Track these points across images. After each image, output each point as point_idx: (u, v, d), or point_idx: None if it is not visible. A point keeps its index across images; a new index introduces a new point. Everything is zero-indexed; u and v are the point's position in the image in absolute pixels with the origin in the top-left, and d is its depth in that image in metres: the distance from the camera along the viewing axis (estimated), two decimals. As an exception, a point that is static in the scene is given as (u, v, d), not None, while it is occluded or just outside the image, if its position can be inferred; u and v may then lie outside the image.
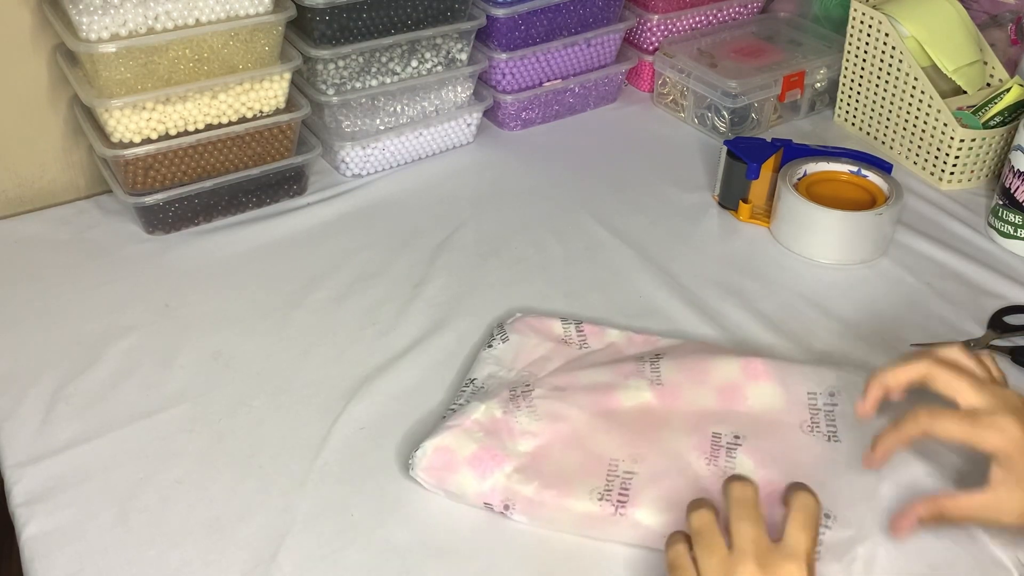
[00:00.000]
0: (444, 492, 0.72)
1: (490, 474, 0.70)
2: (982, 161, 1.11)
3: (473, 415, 0.74)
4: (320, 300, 0.94)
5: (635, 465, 0.71)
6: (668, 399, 0.76)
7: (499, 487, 0.70)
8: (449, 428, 0.73)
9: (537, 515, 0.70)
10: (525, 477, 0.70)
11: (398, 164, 1.16)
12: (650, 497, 0.69)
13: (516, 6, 1.13)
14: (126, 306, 0.92)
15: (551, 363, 0.82)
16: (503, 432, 0.73)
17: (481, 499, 0.71)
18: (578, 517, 0.69)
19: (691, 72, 1.22)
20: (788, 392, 0.77)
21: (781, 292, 0.95)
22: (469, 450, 0.71)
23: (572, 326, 0.86)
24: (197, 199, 1.03)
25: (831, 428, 0.75)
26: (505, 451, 0.71)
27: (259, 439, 0.78)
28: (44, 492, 0.73)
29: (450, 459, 0.71)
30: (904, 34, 1.13)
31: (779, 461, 0.72)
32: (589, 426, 0.74)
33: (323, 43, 1.04)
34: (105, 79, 0.93)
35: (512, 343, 0.83)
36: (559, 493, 0.69)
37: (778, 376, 0.78)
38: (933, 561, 0.68)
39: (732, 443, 0.73)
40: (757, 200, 1.06)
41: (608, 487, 0.69)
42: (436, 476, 0.71)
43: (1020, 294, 0.95)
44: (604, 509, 0.68)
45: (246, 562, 0.68)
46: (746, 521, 0.57)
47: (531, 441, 0.73)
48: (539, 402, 0.75)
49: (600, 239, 1.03)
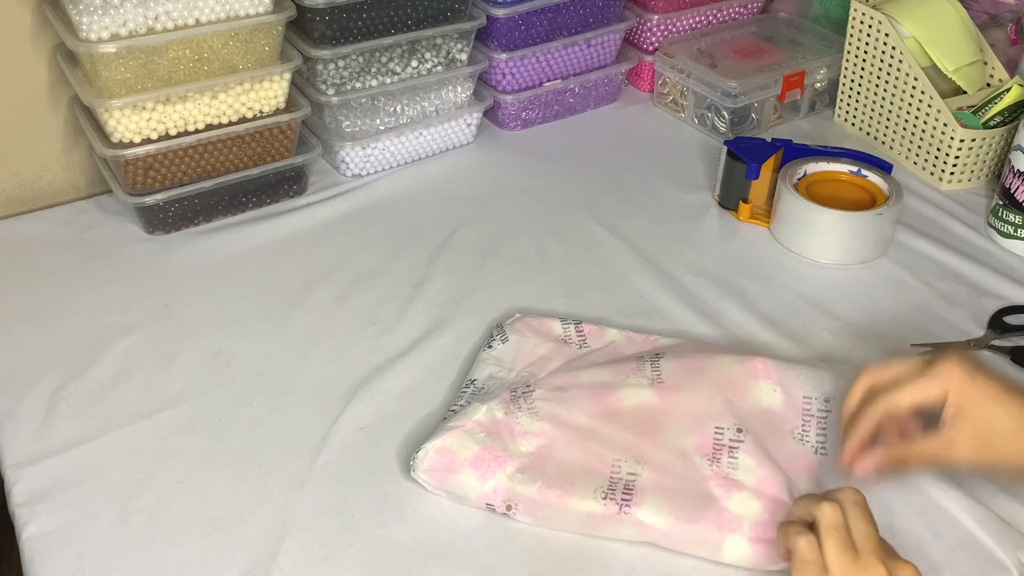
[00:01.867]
0: (446, 493, 0.72)
1: (492, 475, 0.70)
2: (982, 161, 1.11)
3: (474, 416, 0.74)
4: (320, 300, 0.94)
5: (638, 466, 0.71)
6: (669, 397, 0.76)
7: (501, 488, 0.70)
8: (450, 429, 0.73)
9: (540, 515, 0.70)
10: (528, 477, 0.70)
11: (398, 164, 1.16)
12: (653, 497, 0.69)
13: (516, 6, 1.13)
14: (126, 306, 0.92)
15: (551, 363, 0.82)
16: (504, 433, 0.73)
17: (483, 500, 0.71)
18: (582, 516, 0.69)
19: (691, 72, 1.22)
20: (787, 393, 0.77)
21: (781, 292, 0.95)
22: (471, 451, 0.71)
23: (571, 326, 0.86)
24: (197, 199, 1.03)
25: (820, 438, 0.75)
26: (507, 452, 0.72)
27: (259, 439, 0.78)
28: (44, 492, 0.73)
29: (452, 460, 0.71)
30: (904, 34, 1.13)
31: (776, 464, 0.72)
32: (590, 426, 0.74)
33: (323, 43, 1.04)
34: (105, 79, 0.93)
35: (512, 343, 0.83)
36: (562, 493, 0.69)
37: (778, 376, 0.78)
38: (933, 561, 0.68)
39: (734, 440, 0.73)
40: (757, 200, 1.06)
41: (612, 486, 0.69)
42: (438, 477, 0.72)
43: (1020, 294, 0.95)
44: (608, 508, 0.68)
45: (246, 562, 0.68)
46: (866, 523, 0.60)
47: (533, 441, 0.73)
48: (540, 403, 0.75)
49: (600, 239, 1.03)
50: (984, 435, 0.65)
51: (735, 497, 0.69)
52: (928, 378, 0.66)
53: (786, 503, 0.68)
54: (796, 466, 0.72)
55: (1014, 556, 0.68)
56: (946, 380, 0.66)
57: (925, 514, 0.72)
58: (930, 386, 0.66)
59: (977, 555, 0.69)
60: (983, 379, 0.65)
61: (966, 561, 0.68)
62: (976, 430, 0.65)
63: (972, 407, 0.65)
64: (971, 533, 0.70)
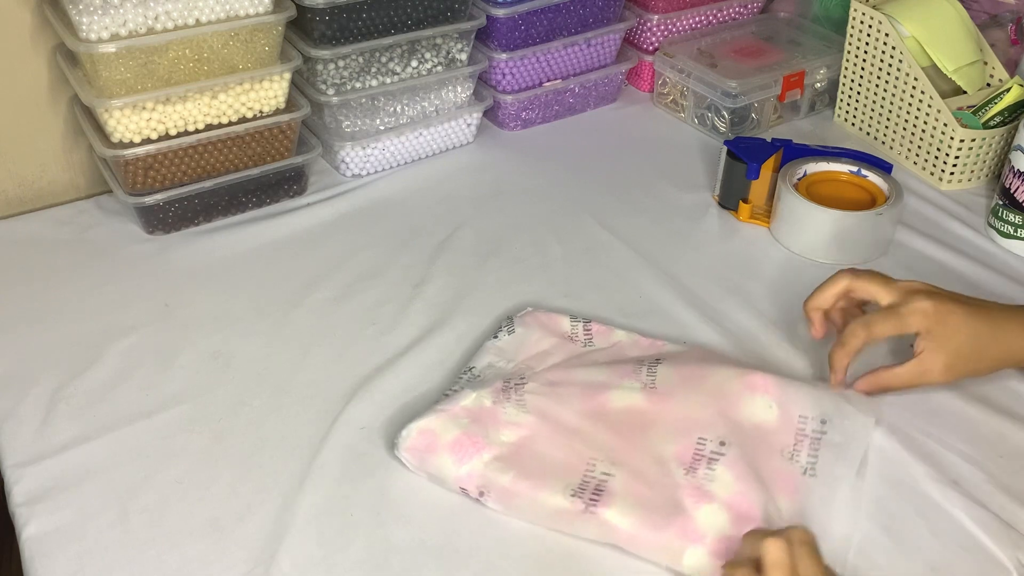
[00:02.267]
0: (426, 474, 0.73)
1: (468, 460, 0.72)
2: (982, 161, 1.11)
3: (462, 402, 0.75)
4: (320, 300, 0.94)
5: (613, 467, 0.71)
6: (658, 403, 0.75)
7: (476, 473, 0.71)
8: (436, 412, 0.74)
9: (511, 504, 0.71)
10: (503, 466, 0.71)
11: (398, 164, 1.16)
12: (622, 499, 0.69)
13: (516, 6, 1.13)
14: (126, 306, 0.92)
15: (551, 358, 0.82)
16: (488, 421, 0.74)
17: (458, 483, 0.72)
18: (548, 511, 0.69)
19: (691, 72, 1.22)
20: (783, 409, 0.75)
21: (781, 292, 0.95)
22: (452, 435, 0.73)
23: (580, 324, 0.86)
24: (197, 199, 1.03)
25: (811, 459, 0.73)
26: (487, 439, 0.73)
27: (259, 439, 0.78)
28: (44, 492, 0.73)
29: (432, 442, 0.73)
30: (904, 34, 1.13)
31: (756, 481, 0.70)
32: (575, 423, 0.74)
33: (323, 43, 1.04)
34: (105, 79, 0.93)
35: (517, 336, 0.84)
36: (533, 485, 0.70)
37: (776, 392, 0.76)
38: (933, 561, 0.68)
39: (716, 452, 0.71)
40: (757, 200, 1.06)
41: (583, 485, 0.70)
42: (418, 457, 0.73)
43: (1020, 294, 0.95)
44: (575, 505, 0.69)
45: (246, 562, 0.68)
46: (813, 560, 0.60)
47: (515, 432, 0.73)
48: (529, 396, 0.76)
49: (600, 239, 1.03)
50: (953, 359, 0.76)
51: (704, 508, 0.68)
52: (904, 316, 0.76)
53: (758, 521, 0.67)
54: (780, 485, 0.71)
55: (1014, 556, 0.68)
56: (920, 317, 0.76)
57: (925, 514, 0.72)
58: (907, 323, 0.76)
59: (977, 555, 0.69)
60: (951, 314, 0.75)
61: (966, 561, 0.68)
62: (947, 357, 0.76)
63: (943, 340, 0.76)
64: (971, 533, 0.70)
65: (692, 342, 0.87)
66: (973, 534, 0.70)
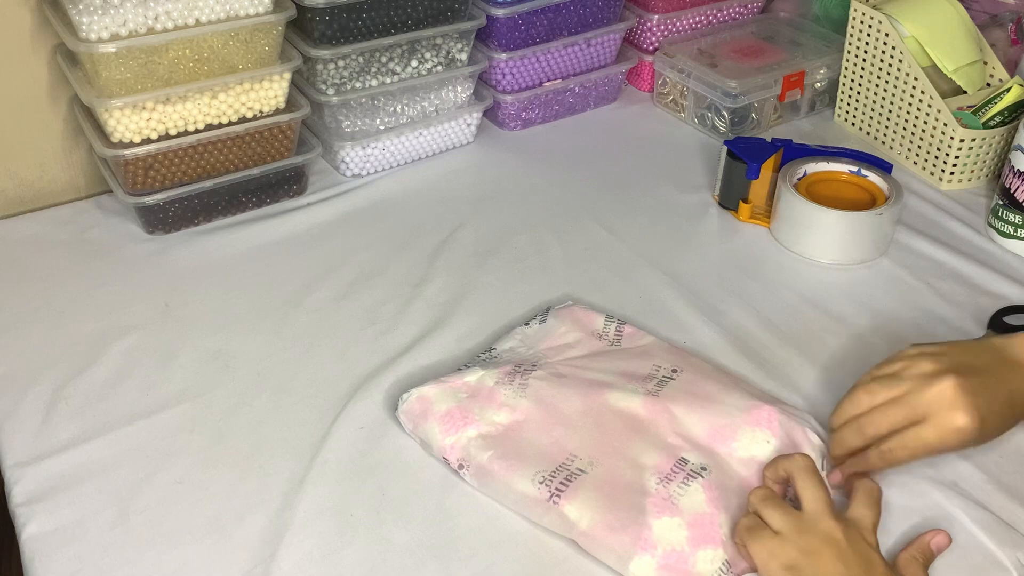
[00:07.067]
0: (418, 439, 0.76)
1: (454, 432, 0.74)
2: (982, 161, 1.11)
3: (467, 377, 0.77)
4: (320, 300, 0.94)
5: (589, 465, 0.71)
6: (655, 413, 0.75)
7: (459, 446, 0.73)
8: (439, 382, 0.77)
9: (484, 482, 0.72)
10: (485, 444, 0.73)
11: (398, 164, 1.16)
12: (586, 497, 0.69)
13: (516, 6, 1.13)
14: (126, 306, 0.92)
15: (572, 351, 0.82)
16: (485, 399, 0.76)
17: (442, 453, 0.74)
18: (516, 495, 0.70)
19: (691, 72, 1.22)
20: (782, 447, 0.73)
21: (781, 292, 0.95)
22: (445, 406, 0.75)
23: (614, 324, 0.86)
24: (197, 199, 1.03)
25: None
26: (479, 417, 0.74)
27: (259, 439, 0.78)
28: (44, 492, 0.73)
29: (427, 409, 0.76)
30: (904, 34, 1.13)
31: (726, 511, 0.68)
32: (567, 416, 0.75)
33: (323, 43, 1.04)
34: (105, 79, 0.93)
35: (547, 326, 0.85)
36: (508, 468, 0.71)
37: (779, 429, 0.73)
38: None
39: (695, 472, 0.70)
40: (757, 200, 1.06)
41: (553, 475, 0.70)
42: (412, 421, 0.76)
43: (1020, 294, 0.95)
44: (540, 493, 0.69)
45: (246, 562, 0.68)
46: (817, 487, 0.65)
47: (508, 415, 0.75)
48: (533, 382, 0.77)
49: (600, 239, 1.03)
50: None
51: (664, 520, 0.67)
52: (929, 445, 0.69)
53: (721, 544, 0.66)
54: None
55: (1014, 556, 0.68)
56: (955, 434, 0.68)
57: (925, 514, 0.72)
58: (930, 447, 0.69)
59: (977, 555, 0.69)
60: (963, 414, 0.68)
61: (966, 561, 0.68)
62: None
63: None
64: (971, 533, 0.70)
65: (697, 347, 0.87)
66: (973, 534, 0.70)
